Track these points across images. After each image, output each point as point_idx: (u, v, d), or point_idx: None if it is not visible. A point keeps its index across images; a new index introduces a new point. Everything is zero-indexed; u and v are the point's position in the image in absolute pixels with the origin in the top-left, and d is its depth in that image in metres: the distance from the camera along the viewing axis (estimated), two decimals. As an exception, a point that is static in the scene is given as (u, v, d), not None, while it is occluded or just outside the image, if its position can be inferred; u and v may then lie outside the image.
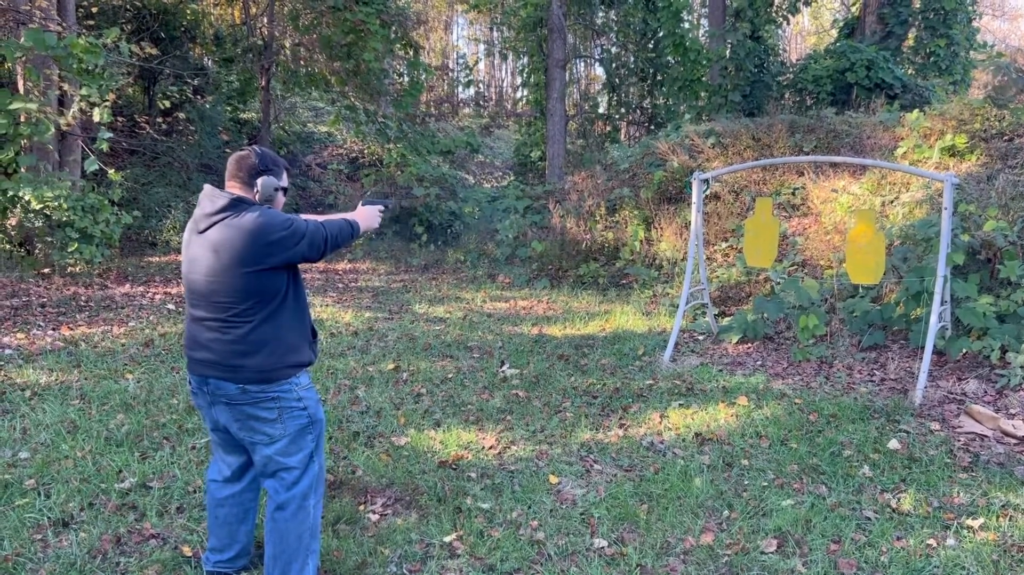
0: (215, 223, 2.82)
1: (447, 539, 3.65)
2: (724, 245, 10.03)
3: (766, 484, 4.28)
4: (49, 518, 3.74)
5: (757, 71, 14.79)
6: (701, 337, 7.75)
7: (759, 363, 6.84)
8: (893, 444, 4.76)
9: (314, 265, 13.14)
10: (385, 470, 4.41)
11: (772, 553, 3.54)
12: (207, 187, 2.92)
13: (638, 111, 20.18)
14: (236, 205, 2.84)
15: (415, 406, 5.63)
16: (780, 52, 16.99)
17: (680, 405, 5.61)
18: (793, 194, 10.19)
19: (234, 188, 2.94)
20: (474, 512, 3.93)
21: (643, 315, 8.87)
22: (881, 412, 5.38)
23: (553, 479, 4.36)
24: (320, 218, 3.09)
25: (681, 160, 11.58)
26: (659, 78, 18.92)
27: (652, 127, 18.65)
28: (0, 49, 9.56)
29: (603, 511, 3.96)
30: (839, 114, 11.68)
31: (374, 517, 3.87)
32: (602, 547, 3.60)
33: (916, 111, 10.17)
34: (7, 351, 6.65)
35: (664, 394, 5.90)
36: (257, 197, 2.92)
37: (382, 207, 3.34)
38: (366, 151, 19.00)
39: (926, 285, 6.43)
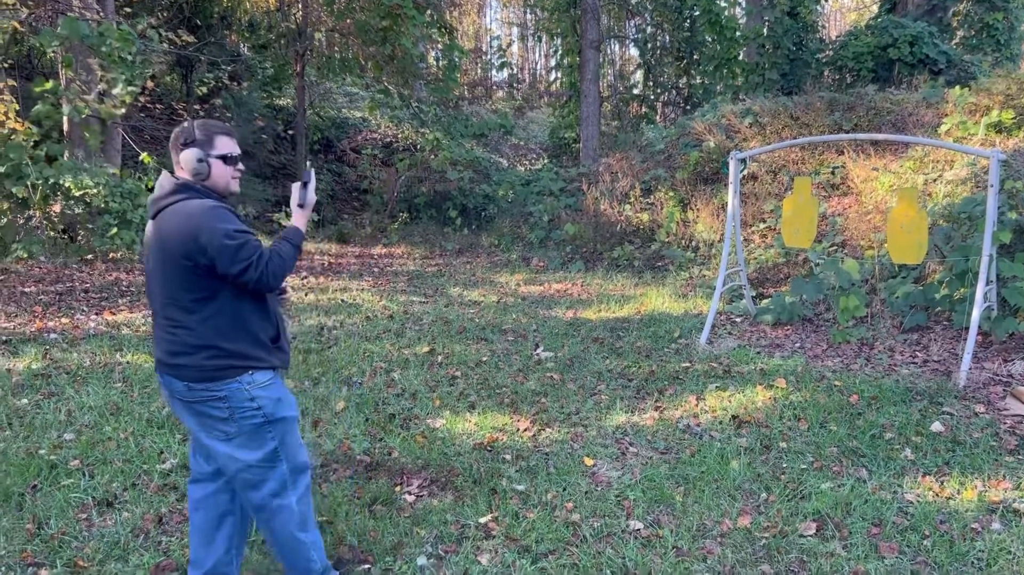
0: (161, 209, 2.66)
1: (482, 520, 3.65)
2: (762, 226, 9.89)
3: (805, 467, 4.22)
4: (93, 498, 3.82)
5: (795, 49, 14.51)
6: (738, 319, 7.66)
7: (797, 345, 6.74)
8: (936, 427, 4.66)
9: (349, 249, 13.23)
10: (421, 452, 4.43)
11: (811, 536, 3.49)
12: (163, 172, 2.76)
13: (673, 91, 19.94)
14: (181, 191, 2.65)
15: (450, 389, 5.65)
16: (819, 29, 16.61)
17: (717, 387, 5.55)
18: (832, 173, 10.01)
19: (179, 171, 2.73)
20: (509, 494, 3.93)
21: (679, 297, 8.79)
22: (924, 394, 5.27)
23: (588, 461, 4.35)
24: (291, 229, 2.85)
25: (718, 140, 11.42)
26: (695, 57, 18.66)
27: (688, 107, 18.42)
28: (38, 39, 9.74)
29: (638, 493, 3.94)
30: (880, 91, 11.43)
31: (410, 498, 3.89)
32: (638, 529, 3.58)
33: (960, 87, 9.90)
34: (52, 335, 6.80)
35: (700, 376, 5.85)
36: (188, 173, 2.69)
37: (304, 182, 2.92)
38: (400, 136, 19.03)
39: (971, 264, 6.27)
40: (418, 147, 16.72)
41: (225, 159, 2.73)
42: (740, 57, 17.14)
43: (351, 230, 14.72)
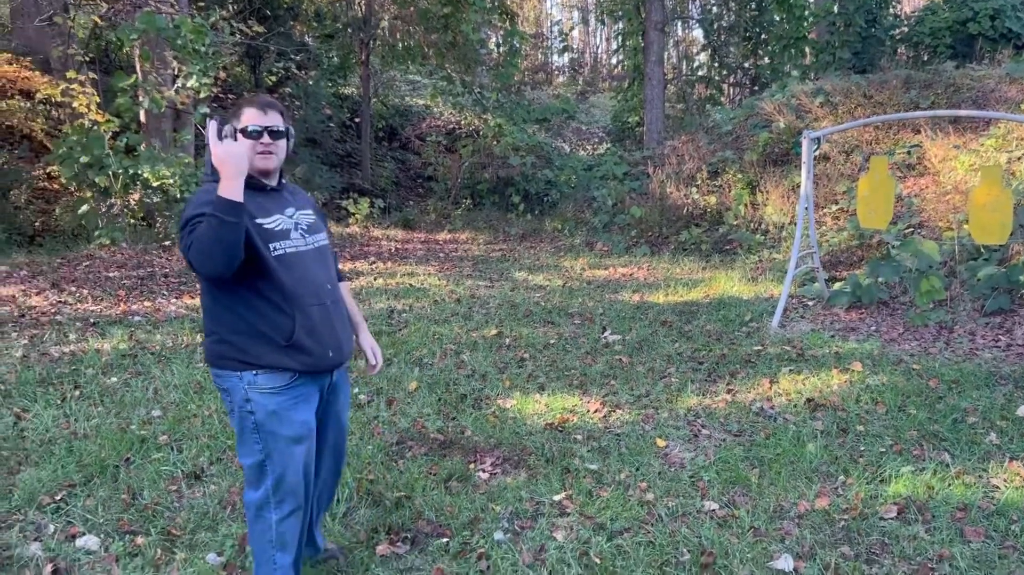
0: None
1: (556, 498, 3.69)
2: (834, 208, 9.66)
3: (884, 450, 4.13)
4: (182, 471, 3.98)
5: (867, 26, 14.07)
6: (811, 302, 7.51)
7: (873, 328, 6.58)
8: (1022, 411, 4.51)
9: (415, 235, 13.38)
10: (493, 431, 4.49)
11: (892, 519, 3.43)
12: None
13: (740, 72, 19.56)
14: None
15: (519, 370, 5.69)
16: (893, 5, 16.08)
17: (790, 371, 5.47)
18: (908, 153, 9.71)
19: None
20: (582, 473, 3.95)
21: (748, 281, 8.66)
22: (1008, 378, 5.10)
23: (660, 442, 4.34)
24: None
25: (788, 120, 11.18)
26: (762, 37, 18.26)
27: (755, 88, 18.05)
28: (118, 33, 10.09)
29: (713, 474, 3.92)
30: (960, 68, 11.01)
31: (484, 475, 3.95)
32: (713, 509, 3.57)
33: (1047, 60, 9.48)
34: (137, 318, 7.07)
35: (773, 360, 5.76)
36: None
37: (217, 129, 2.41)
38: (463, 122, 19.13)
39: (1059, 245, 6.02)
40: (480, 133, 16.79)
41: (245, 132, 2.48)
42: (810, 36, 16.72)
43: (416, 216, 14.89)
